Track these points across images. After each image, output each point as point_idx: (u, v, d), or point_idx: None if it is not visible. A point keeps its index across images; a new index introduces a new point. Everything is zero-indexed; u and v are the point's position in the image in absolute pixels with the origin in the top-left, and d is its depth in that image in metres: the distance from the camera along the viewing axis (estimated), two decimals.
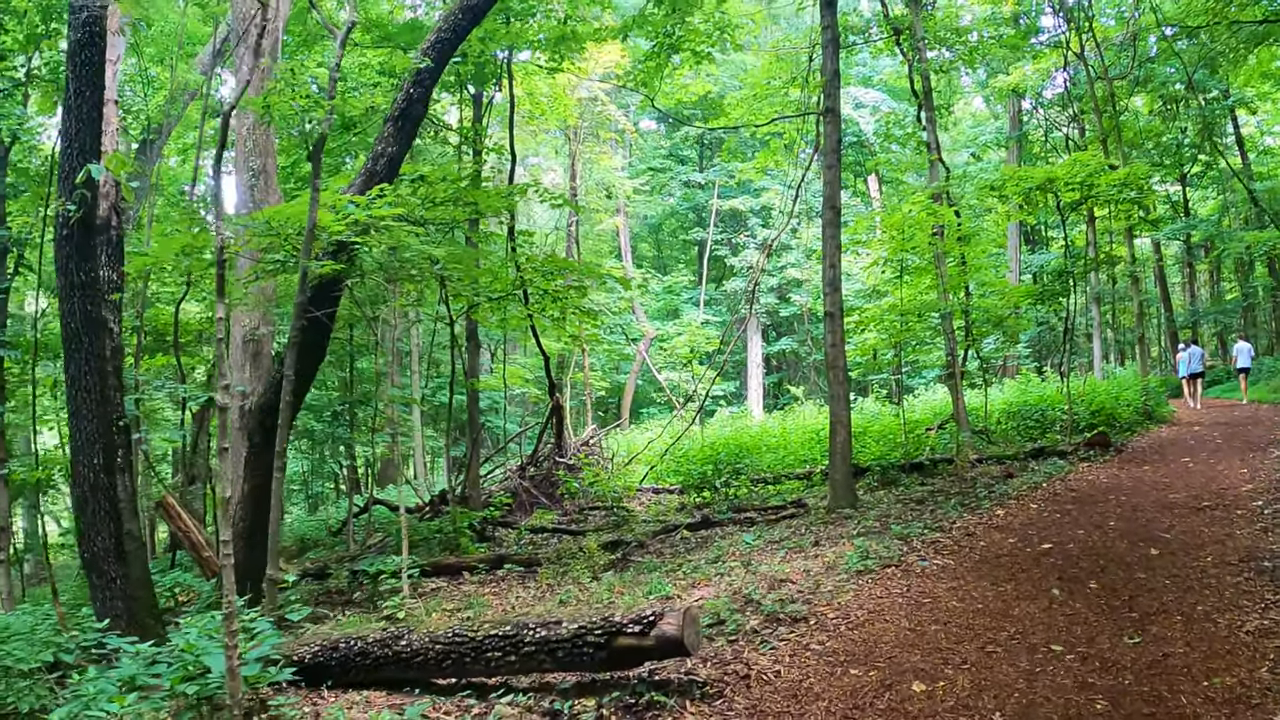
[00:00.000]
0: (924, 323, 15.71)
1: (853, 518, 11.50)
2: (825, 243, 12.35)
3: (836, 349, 12.26)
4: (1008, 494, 12.16)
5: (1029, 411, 20.20)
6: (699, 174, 38.50)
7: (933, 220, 14.65)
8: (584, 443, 18.28)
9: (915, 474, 15.09)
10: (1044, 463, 15.12)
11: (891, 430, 18.83)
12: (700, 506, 14.71)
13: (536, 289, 13.26)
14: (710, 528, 12.34)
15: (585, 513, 15.84)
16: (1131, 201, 16.43)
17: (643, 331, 31.60)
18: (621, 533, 13.09)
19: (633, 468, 20.84)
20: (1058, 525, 10.20)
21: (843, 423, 12.11)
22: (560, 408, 17.68)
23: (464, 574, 11.33)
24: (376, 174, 10.75)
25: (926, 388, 28.83)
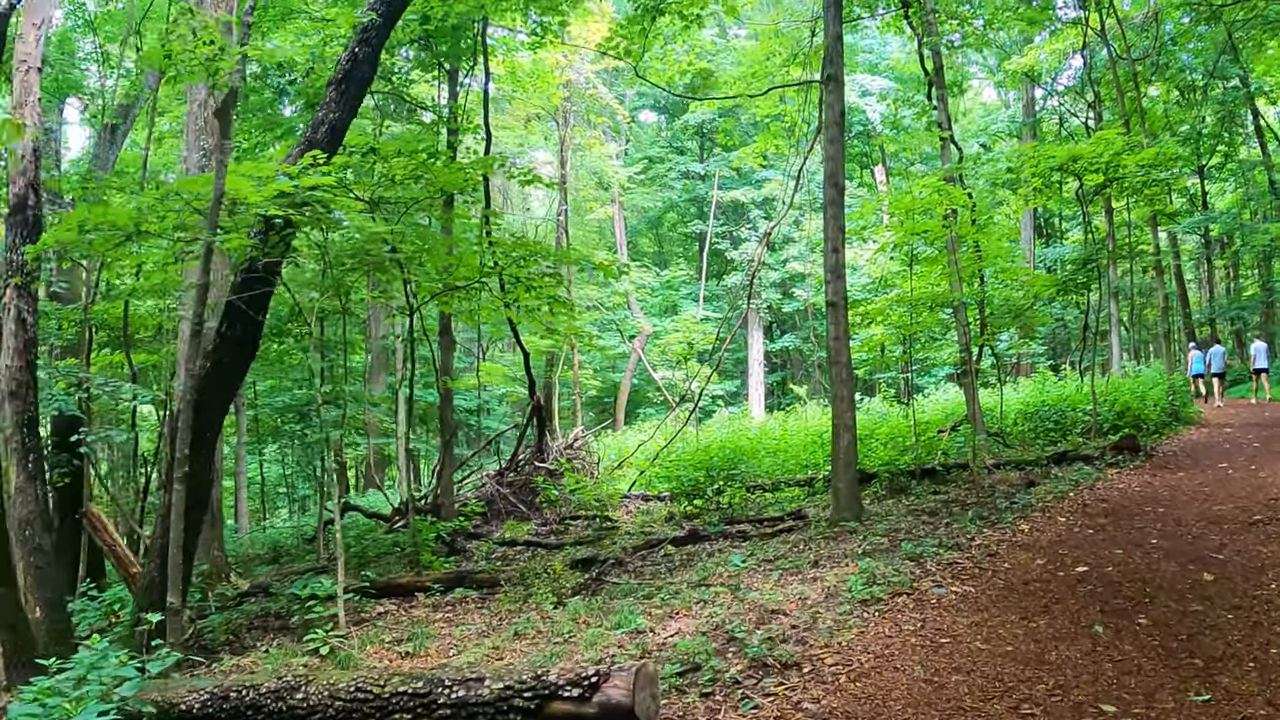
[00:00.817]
0: (934, 316, 14.49)
1: (858, 532, 10.29)
2: (827, 224, 11.14)
3: (839, 343, 11.05)
4: (1031, 505, 10.93)
5: (1047, 412, 18.95)
6: (699, 165, 37.23)
7: (945, 203, 13.43)
8: (568, 446, 17.09)
9: (926, 481, 13.87)
10: (1068, 469, 13.90)
11: (900, 432, 17.60)
12: (690, 516, 13.52)
13: (509, 276, 12.06)
14: (699, 542, 11.14)
15: (566, 522, 14.64)
16: (1160, 185, 15.18)
17: (639, 328, 30.39)
18: (599, 548, 11.89)
19: (623, 472, 19.64)
20: (1091, 543, 8.97)
21: (846, 425, 10.90)
22: (541, 408, 16.49)
23: (418, 595, 10.14)
24: (316, 143, 9.55)
25: (937, 386, 27.59)
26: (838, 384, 10.97)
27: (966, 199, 13.63)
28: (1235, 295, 41.65)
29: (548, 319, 12.73)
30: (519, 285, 12.28)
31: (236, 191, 7.97)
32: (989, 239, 14.74)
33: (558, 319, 12.64)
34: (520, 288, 12.30)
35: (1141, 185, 15.27)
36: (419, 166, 10.72)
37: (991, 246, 14.16)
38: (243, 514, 27.20)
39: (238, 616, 10.14)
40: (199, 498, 9.44)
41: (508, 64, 18.53)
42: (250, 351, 9.73)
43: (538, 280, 11.98)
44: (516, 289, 12.28)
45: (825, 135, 11.33)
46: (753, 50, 19.30)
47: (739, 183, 35.87)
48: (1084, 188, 15.48)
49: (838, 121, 11.32)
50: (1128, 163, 14.55)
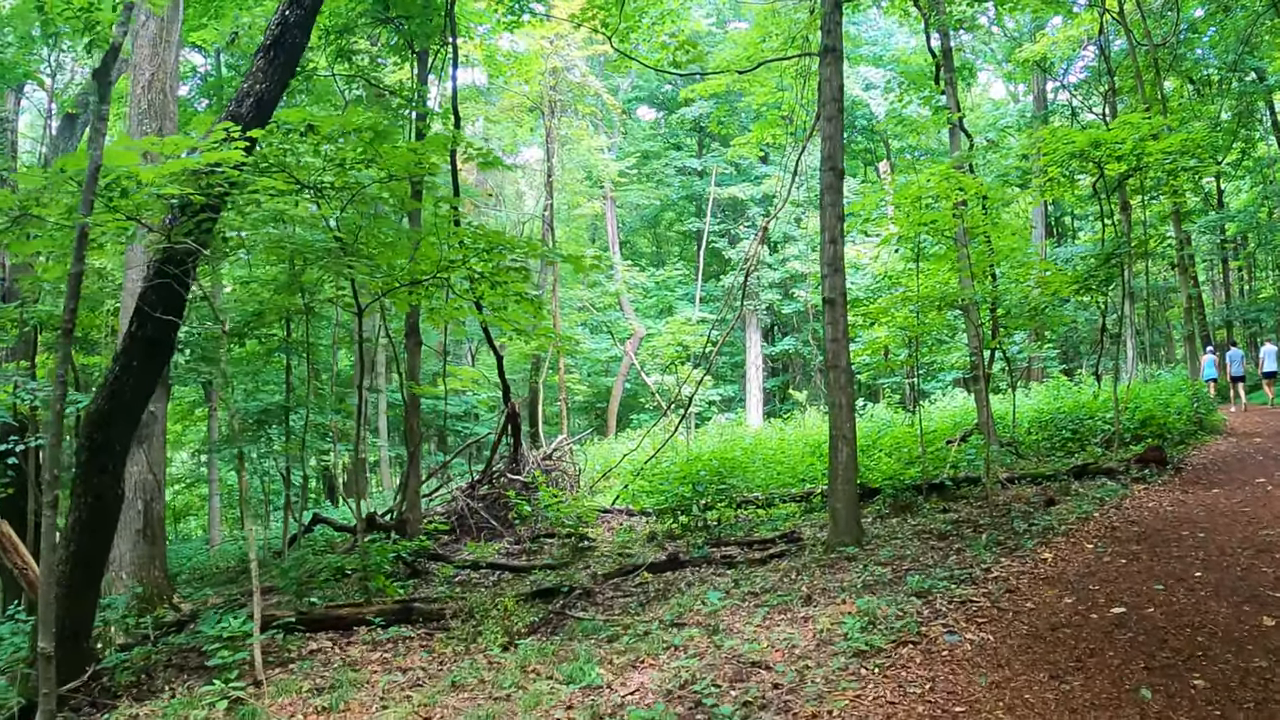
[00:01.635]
0: (942, 317, 13.38)
1: (857, 559, 9.18)
2: (824, 213, 10.04)
3: (838, 344, 9.94)
4: (1052, 528, 9.81)
5: (1063, 421, 17.84)
6: (696, 160, 36.10)
7: (955, 192, 12.32)
8: (546, 456, 15.98)
9: (935, 497, 12.77)
10: (1090, 484, 12.79)
11: (906, 442, 16.49)
12: (673, 536, 12.43)
13: (471, 271, 10.95)
14: (679, 568, 10.03)
15: (540, 541, 13.54)
16: (1188, 173, 14.08)
17: (631, 330, 29.26)
18: (570, 572, 10.80)
19: (610, 483, 18.54)
20: (1126, 576, 7.86)
21: (845, 437, 9.79)
22: (516, 415, 15.38)
23: (359, 628, 9.02)
24: (240, 118, 8.48)
25: (944, 392, 26.45)
26: (836, 390, 9.86)
27: (978, 186, 12.51)
28: (1251, 297, 40.60)
29: (515, 318, 11.62)
30: (483, 281, 11.17)
31: (128, 168, 6.87)
32: (1001, 233, 13.64)
33: (524, 318, 11.52)
34: (484, 284, 11.19)
35: (1168, 174, 14.17)
36: (366, 148, 9.62)
37: (1004, 241, 13.06)
38: (215, 524, 26.13)
39: (157, 651, 9.02)
40: (104, 517, 8.37)
41: (485, 48, 17.44)
42: (164, 353, 8.65)
43: (502, 275, 10.87)
44: (480, 285, 11.18)
45: (822, 114, 10.23)
46: (748, 32, 18.21)
47: (737, 179, 34.76)
48: (1105, 178, 14.37)
49: (836, 98, 10.22)
50: (1153, 150, 13.44)
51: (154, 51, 13.77)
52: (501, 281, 11.03)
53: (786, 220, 32.16)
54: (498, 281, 11.08)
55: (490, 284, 11.12)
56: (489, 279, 11.02)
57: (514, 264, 10.64)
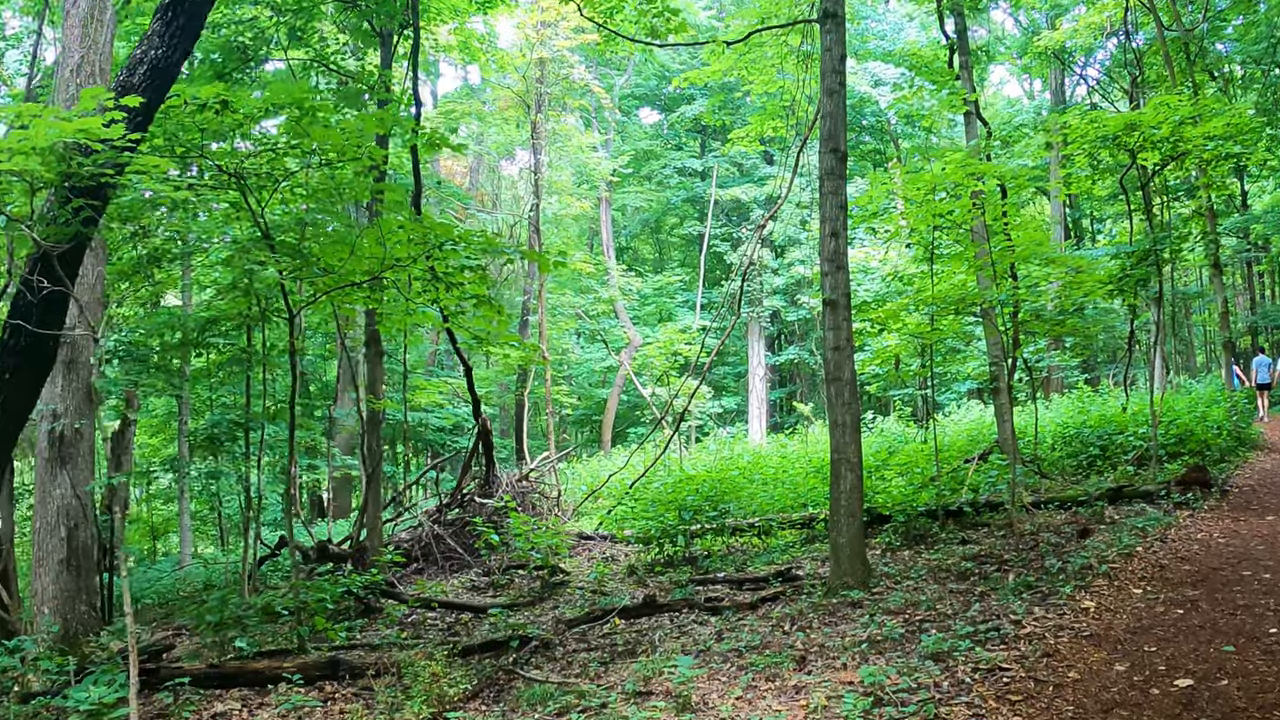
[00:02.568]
0: (958, 322, 12.12)
1: (862, 606, 7.92)
2: (824, 201, 8.81)
3: (841, 353, 8.69)
4: (1090, 566, 8.53)
5: (1089, 436, 16.52)
6: (697, 161, 34.87)
7: (972, 183, 11.05)
8: (522, 477, 14.74)
9: (952, 524, 11.50)
10: (1126, 510, 11.53)
11: (919, 461, 15.22)
12: (654, 570, 11.18)
13: (420, 270, 9.75)
14: (656, 613, 8.78)
15: (511, 573, 12.29)
16: (1232, 160, 12.83)
17: (627, 339, 28.02)
18: (530, 617, 9.56)
19: (600, 504, 17.27)
20: (1187, 633, 6.58)
21: (849, 462, 8.54)
22: (488, 432, 14.15)
23: (278, 685, 7.76)
24: (131, 89, 7.29)
25: (958, 404, 25.13)
26: (838, 407, 8.60)
27: (1001, 171, 11.24)
28: (1277, 304, 39.42)
29: (476, 325, 10.40)
30: (438, 282, 9.96)
31: None
32: (1024, 231, 12.37)
33: (485, 323, 10.30)
34: (439, 286, 9.98)
35: (1209, 162, 12.92)
36: (292, 127, 8.44)
37: (1026, 238, 11.77)
38: (186, 544, 24.96)
39: (34, 710, 7.77)
40: None
41: (460, 32, 16.26)
42: (42, 365, 7.44)
43: (457, 276, 9.66)
44: (435, 287, 9.97)
45: (822, 86, 9.01)
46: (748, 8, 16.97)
47: (740, 180, 33.54)
48: (1138, 166, 13.11)
49: (837, 69, 9.00)
50: (1193, 135, 12.18)
51: (85, 32, 12.64)
52: (457, 283, 9.82)
53: (791, 223, 30.93)
54: (453, 283, 9.87)
55: (445, 286, 9.91)
56: (444, 280, 9.81)
57: (469, 263, 9.41)
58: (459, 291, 9.92)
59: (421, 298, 10.28)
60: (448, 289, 9.98)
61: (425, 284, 10.16)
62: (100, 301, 12.62)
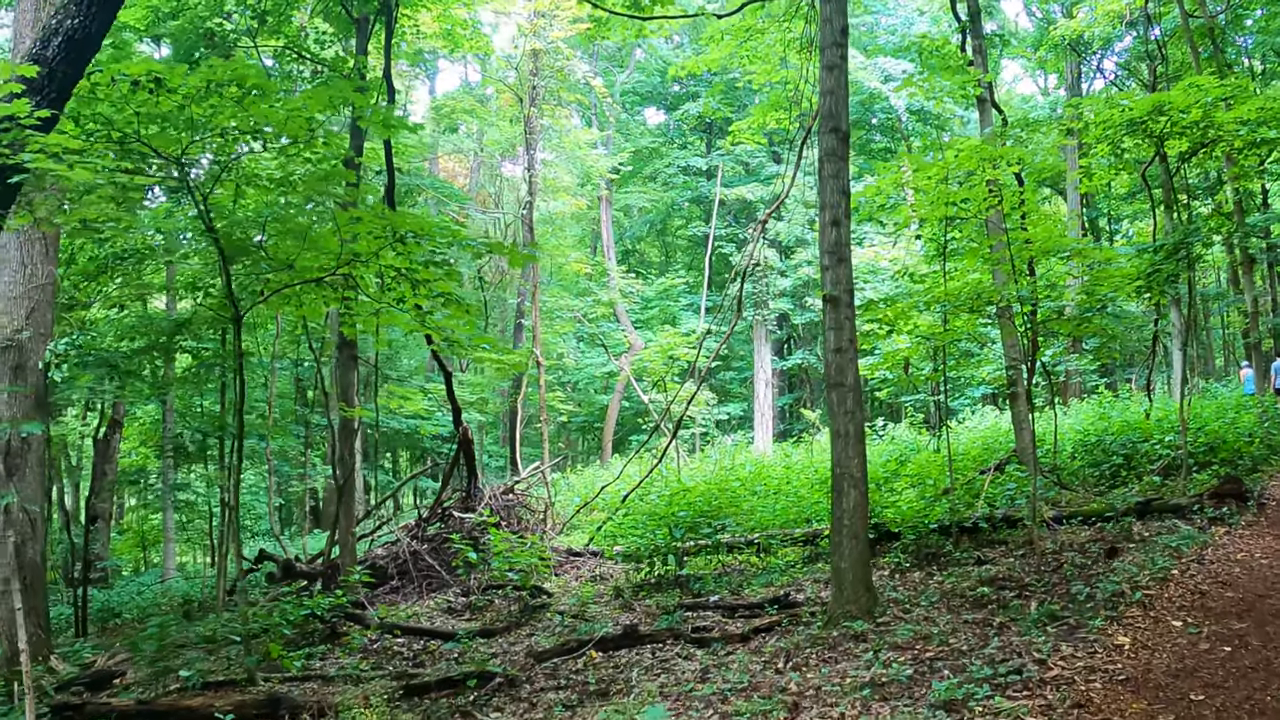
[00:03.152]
0: (973, 322, 11.28)
1: (866, 639, 7.10)
2: (823, 186, 8.02)
3: (844, 355, 7.88)
4: (1122, 593, 7.68)
5: (1111, 444, 15.62)
6: (701, 159, 34.01)
7: (987, 170, 10.23)
8: (508, 489, 13.95)
9: (967, 542, 10.66)
10: (1156, 525, 10.67)
11: (932, 472, 14.36)
12: (642, 592, 10.38)
13: (388, 268, 8.99)
14: (637, 645, 7.97)
15: (490, 593, 11.48)
16: (1268, 145, 11.97)
17: (628, 343, 27.21)
18: (508, 641, 8.77)
19: (594, 516, 16.46)
20: (1237, 676, 5.75)
21: (852, 477, 7.73)
22: (469, 442, 13.37)
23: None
24: (44, 60, 6.57)
25: (972, 410, 24.23)
26: (840, 416, 7.79)
27: (1019, 155, 10.38)
28: None
29: (447, 325, 9.61)
30: (402, 280, 9.19)
31: None
32: (1041, 224, 11.52)
33: (456, 325, 9.51)
34: (404, 283, 9.21)
35: (1241, 150, 12.07)
36: (229, 107, 7.70)
37: (1044, 231, 10.90)
38: (170, 555, 24.28)
39: None
40: None
41: (443, 19, 15.50)
42: None
43: (422, 271, 8.89)
44: (400, 285, 9.20)
45: (822, 61, 8.21)
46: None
47: (745, 179, 32.71)
48: (1163, 156, 12.25)
49: (838, 41, 8.20)
50: (1224, 119, 11.33)
51: (36, 16, 11.98)
52: (423, 279, 9.05)
53: (798, 222, 30.08)
54: (419, 280, 9.09)
55: (410, 283, 9.14)
56: (408, 277, 9.04)
57: (434, 257, 8.64)
58: (426, 289, 9.15)
59: (387, 296, 9.51)
60: (414, 286, 9.21)
61: (391, 281, 9.40)
62: (51, 303, 11.88)
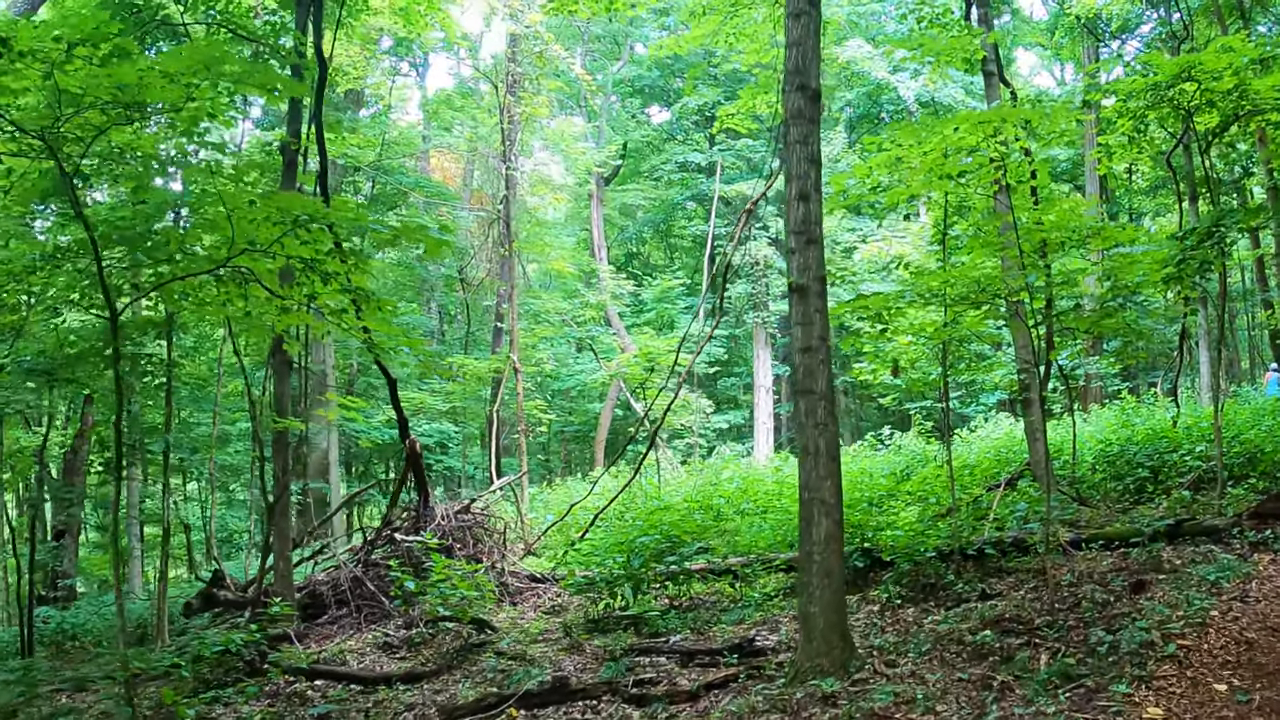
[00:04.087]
0: (981, 319, 9.99)
1: (836, 705, 5.88)
2: (790, 153, 6.81)
3: (813, 356, 6.66)
4: (1151, 641, 6.41)
5: (1136, 455, 14.26)
6: (700, 155, 32.76)
7: (993, 146, 8.94)
8: (464, 508, 12.74)
9: (972, 569, 9.39)
10: (1189, 550, 9.35)
11: (936, 488, 13.13)
12: (596, 628, 9.16)
13: (294, 259, 7.81)
14: (566, 701, 6.75)
15: (437, 626, 10.26)
16: None
17: (620, 348, 25.99)
18: (437, 686, 7.57)
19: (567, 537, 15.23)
20: None
21: (824, 503, 6.53)
22: (417, 456, 12.17)
23: None
24: None
25: (985, 418, 22.88)
26: (809, 429, 6.58)
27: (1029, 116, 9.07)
28: None
29: (368, 325, 8.43)
30: (310, 273, 8.02)
31: None
32: (1055, 207, 10.21)
33: (381, 324, 8.34)
34: (313, 276, 8.03)
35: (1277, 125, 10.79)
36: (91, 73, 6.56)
37: (1057, 213, 9.57)
38: (135, 573, 23.21)
39: None
40: None
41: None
42: None
43: (330, 264, 7.72)
44: (309, 279, 8.02)
45: (787, 9, 6.99)
46: None
47: (748, 174, 31.42)
48: (1189, 138, 10.98)
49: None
50: (1260, 86, 10.03)
51: None
52: (332, 272, 7.88)
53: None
54: (328, 273, 7.92)
55: (320, 276, 7.96)
56: (316, 269, 7.87)
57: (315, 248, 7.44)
58: (336, 283, 7.97)
59: (295, 292, 8.33)
60: (325, 280, 8.04)
61: (302, 275, 8.22)
62: None
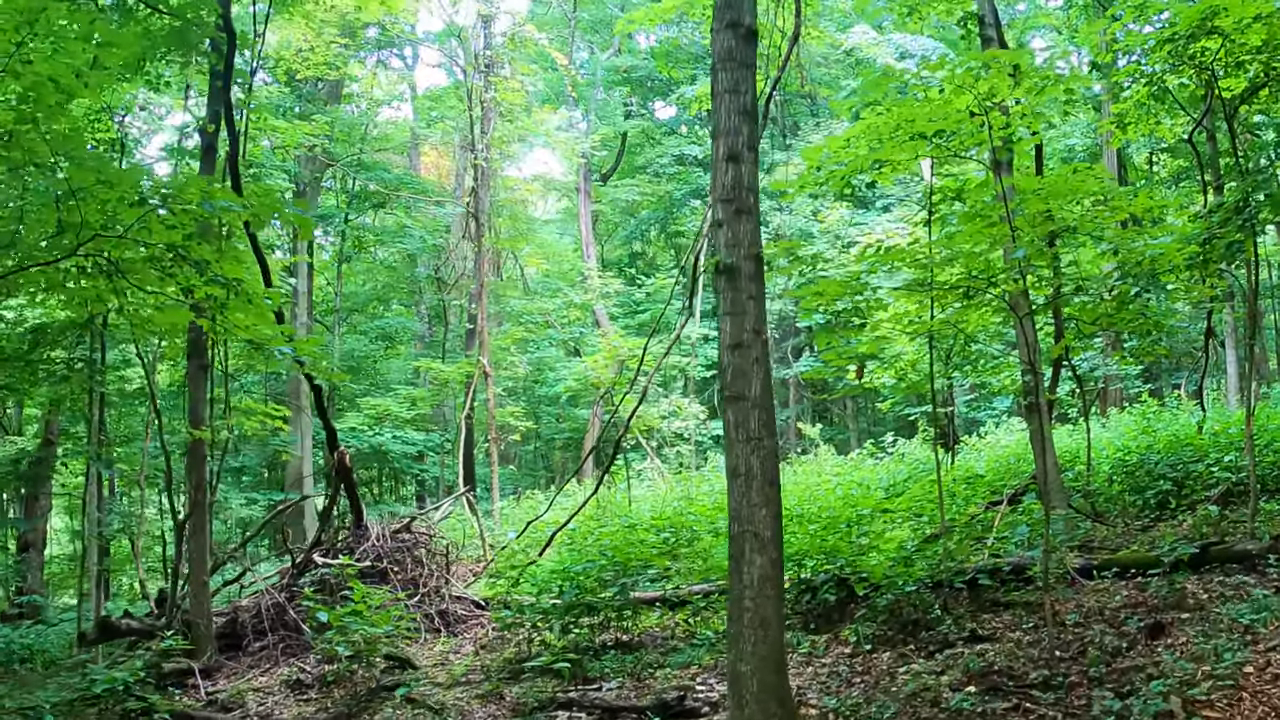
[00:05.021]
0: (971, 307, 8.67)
1: None
2: (718, 104, 5.61)
3: (746, 354, 5.45)
4: (1169, 712, 5.13)
5: (1157, 465, 12.89)
6: (697, 147, 31.53)
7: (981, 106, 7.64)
8: (403, 527, 11.55)
9: (964, 603, 8.15)
10: (1218, 582, 8.06)
11: (930, 504, 11.85)
12: (523, 671, 7.95)
13: (150, 247, 6.65)
14: None
15: (359, 660, 9.06)
16: None
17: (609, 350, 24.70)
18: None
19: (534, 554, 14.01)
20: None
21: (759, 537, 5.32)
22: (347, 470, 10.98)
23: None
24: None
25: (997, 423, 21.51)
26: (739, 444, 5.37)
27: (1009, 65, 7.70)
28: None
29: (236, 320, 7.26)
30: (181, 262, 6.85)
31: None
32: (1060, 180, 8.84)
33: (239, 315, 7.16)
34: (184, 266, 6.87)
35: None
36: None
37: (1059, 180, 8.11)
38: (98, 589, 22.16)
39: None
40: None
41: None
42: None
43: (193, 250, 6.55)
44: (141, 267, 6.86)
45: None
46: None
47: None
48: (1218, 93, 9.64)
49: None
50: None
51: None
52: (194, 259, 6.70)
53: (801, 213, 27.55)
54: (192, 260, 6.75)
55: (164, 268, 6.79)
56: (165, 260, 6.70)
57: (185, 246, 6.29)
58: (196, 274, 6.79)
59: (161, 284, 7.16)
60: (163, 272, 6.87)
61: (170, 265, 7.05)
62: None
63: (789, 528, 10.76)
